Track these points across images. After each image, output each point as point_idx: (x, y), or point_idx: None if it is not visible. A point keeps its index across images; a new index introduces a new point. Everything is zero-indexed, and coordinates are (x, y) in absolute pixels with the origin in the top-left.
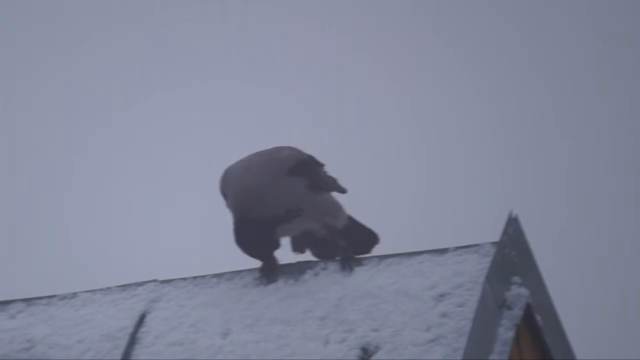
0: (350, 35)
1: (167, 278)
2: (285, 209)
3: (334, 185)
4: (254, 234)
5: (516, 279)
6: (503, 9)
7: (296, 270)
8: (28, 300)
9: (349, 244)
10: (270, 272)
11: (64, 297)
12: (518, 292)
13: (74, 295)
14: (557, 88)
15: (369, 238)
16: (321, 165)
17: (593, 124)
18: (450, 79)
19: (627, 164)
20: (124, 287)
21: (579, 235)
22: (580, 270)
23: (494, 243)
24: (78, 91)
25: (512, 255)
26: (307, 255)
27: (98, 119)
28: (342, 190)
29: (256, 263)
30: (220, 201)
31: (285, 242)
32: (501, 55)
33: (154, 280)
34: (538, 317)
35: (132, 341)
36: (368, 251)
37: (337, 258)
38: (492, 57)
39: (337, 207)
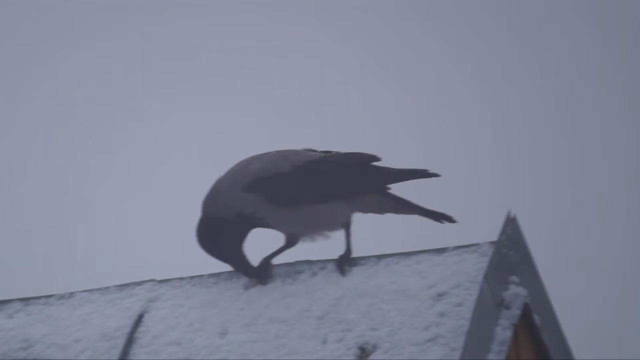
0: (351, 35)
1: (164, 278)
2: (236, 216)
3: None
4: (210, 233)
5: (514, 278)
6: (503, 8)
7: (294, 269)
8: (26, 300)
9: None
10: (262, 273)
11: (61, 297)
12: (516, 292)
13: (72, 294)
14: (557, 88)
15: (444, 218)
16: (326, 172)
17: (592, 123)
18: (450, 79)
19: (627, 163)
20: (122, 286)
21: (577, 235)
22: (578, 270)
23: (492, 243)
24: (78, 92)
25: (510, 255)
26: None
27: (97, 119)
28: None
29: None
30: None
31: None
32: (501, 54)
33: (152, 280)
34: (536, 317)
35: (130, 341)
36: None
37: (334, 259)
38: (492, 57)
39: (322, 219)
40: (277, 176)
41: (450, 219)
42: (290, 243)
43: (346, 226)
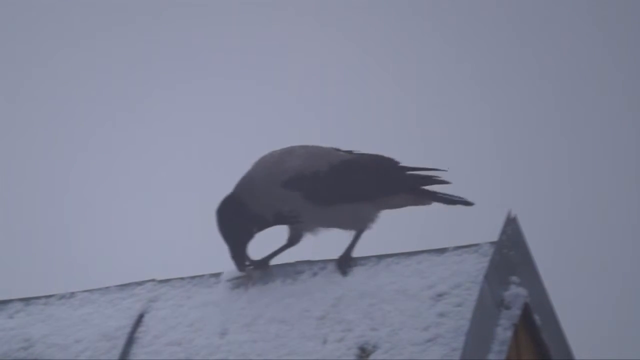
0: (351, 35)
1: (165, 278)
2: (273, 213)
3: (387, 188)
4: (235, 216)
5: (514, 278)
6: (504, 8)
7: (294, 270)
8: (26, 300)
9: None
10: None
11: (62, 297)
12: (516, 292)
13: (72, 295)
14: (558, 88)
15: (460, 202)
16: (357, 172)
17: (592, 123)
18: (450, 79)
19: (627, 163)
20: (122, 286)
21: (577, 235)
22: (579, 270)
23: (492, 243)
24: (78, 92)
25: (510, 255)
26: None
27: (97, 120)
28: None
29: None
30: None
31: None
32: (501, 54)
33: (152, 280)
34: (536, 317)
35: (130, 341)
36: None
37: (335, 259)
38: (492, 57)
39: (351, 219)
40: (316, 174)
41: (467, 202)
42: (292, 242)
43: (366, 227)
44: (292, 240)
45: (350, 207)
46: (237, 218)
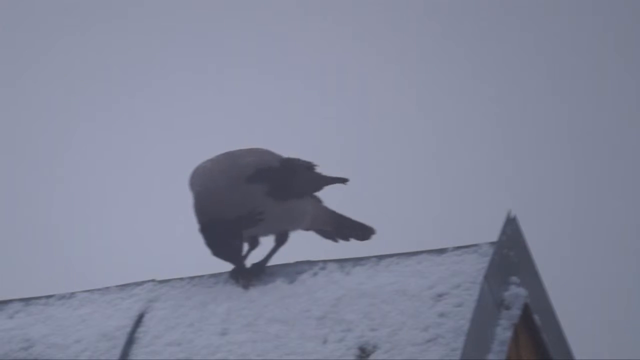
0: (352, 33)
1: (165, 278)
2: (241, 214)
3: (316, 184)
4: (215, 236)
5: (514, 279)
6: (505, 9)
7: (294, 270)
8: (26, 300)
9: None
10: (242, 275)
11: (62, 297)
12: (516, 292)
13: (72, 295)
14: (557, 88)
15: (363, 231)
16: (298, 169)
17: (592, 123)
18: (451, 79)
19: (627, 163)
20: (122, 287)
21: (578, 235)
22: (579, 270)
23: (492, 243)
24: (75, 91)
25: (510, 255)
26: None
27: (95, 119)
28: (339, 181)
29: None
30: None
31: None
32: (502, 54)
33: (152, 280)
34: (536, 317)
35: (130, 341)
36: (366, 238)
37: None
38: (492, 57)
39: (298, 214)
40: (272, 169)
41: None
42: (280, 241)
43: (286, 235)
44: (280, 241)
45: (298, 202)
46: (222, 235)
